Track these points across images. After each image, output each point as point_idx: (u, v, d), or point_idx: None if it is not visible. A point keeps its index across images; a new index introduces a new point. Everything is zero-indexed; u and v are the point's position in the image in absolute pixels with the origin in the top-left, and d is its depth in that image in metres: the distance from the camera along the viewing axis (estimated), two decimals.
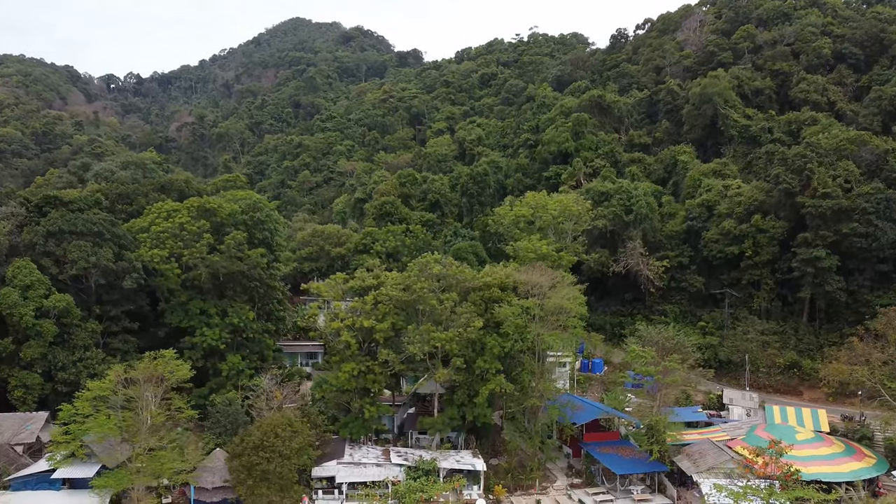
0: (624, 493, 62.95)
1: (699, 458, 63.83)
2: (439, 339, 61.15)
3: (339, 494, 61.03)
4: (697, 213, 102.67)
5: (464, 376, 64.26)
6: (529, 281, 65.27)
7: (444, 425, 64.93)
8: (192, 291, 74.96)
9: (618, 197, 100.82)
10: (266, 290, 79.42)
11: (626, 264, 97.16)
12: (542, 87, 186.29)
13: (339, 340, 64.46)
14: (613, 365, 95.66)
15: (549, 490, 64.91)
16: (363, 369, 63.81)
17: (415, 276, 64.41)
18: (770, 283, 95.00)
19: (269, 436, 53.61)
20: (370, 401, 65.05)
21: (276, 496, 52.81)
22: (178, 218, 74.03)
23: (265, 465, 52.42)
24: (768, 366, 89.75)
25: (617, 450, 66.84)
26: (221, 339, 72.82)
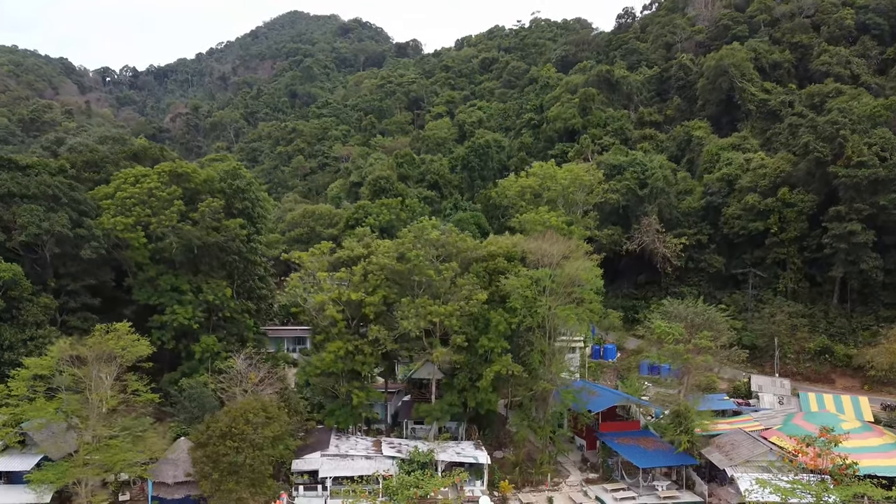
0: (647, 490, 55.40)
1: (732, 450, 56.26)
2: (437, 314, 53.56)
3: (322, 491, 53.54)
4: (717, 188, 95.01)
5: (465, 357, 56.69)
6: (539, 250, 57.66)
7: (442, 413, 57.35)
8: (163, 266, 67.23)
9: (631, 170, 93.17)
10: (246, 266, 71.78)
11: (641, 242, 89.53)
12: (545, 68, 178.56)
13: (323, 316, 56.83)
14: (627, 351, 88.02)
15: (561, 486, 57.38)
16: (351, 349, 56.23)
17: (410, 244, 56.75)
18: (797, 262, 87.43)
19: (238, 422, 46.03)
20: (359, 385, 57.48)
21: (247, 492, 45.26)
22: (147, 183, 66.26)
23: (233, 456, 44.83)
24: (796, 352, 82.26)
25: (638, 441, 59.31)
26: (194, 317, 65.13)
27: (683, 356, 52.96)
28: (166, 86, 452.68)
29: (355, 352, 56.51)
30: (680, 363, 54.05)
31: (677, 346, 53.08)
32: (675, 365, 53.89)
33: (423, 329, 54.90)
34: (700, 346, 52.73)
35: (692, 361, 52.96)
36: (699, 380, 53.71)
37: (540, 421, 58.47)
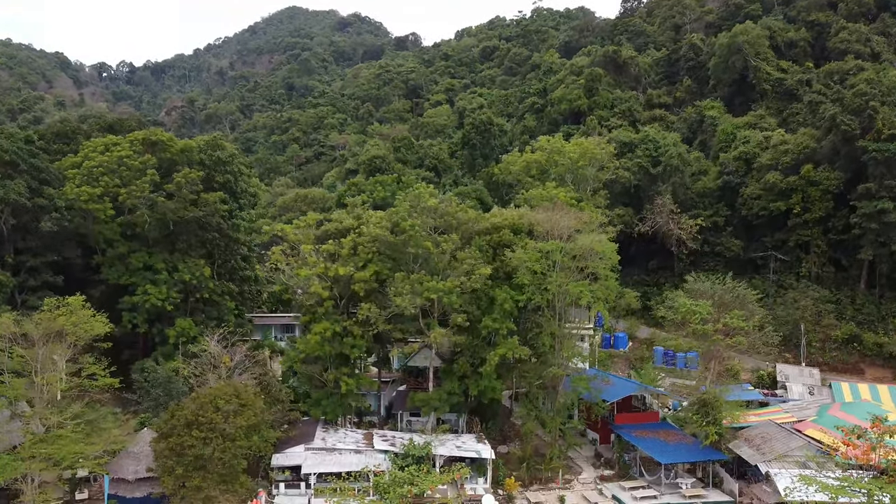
0: (670, 488, 49.56)
1: (763, 444, 50.44)
2: (435, 291, 47.72)
3: (305, 489, 47.72)
4: (734, 168, 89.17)
5: (466, 340, 50.87)
6: (549, 221, 51.78)
7: (441, 402, 51.52)
8: (136, 243, 61.49)
9: (643, 147, 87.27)
10: (227, 244, 65.78)
11: (654, 223, 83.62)
12: (548, 54, 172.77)
13: (308, 294, 50.99)
14: (639, 340, 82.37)
15: (573, 484, 51.53)
16: (339, 330, 50.38)
17: (405, 213, 50.86)
18: (822, 244, 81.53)
19: (206, 409, 40.13)
20: (348, 371, 51.59)
21: (216, 490, 39.32)
22: (117, 152, 60.47)
23: (200, 448, 38.91)
24: (822, 340, 76.36)
25: (657, 434, 53.41)
26: (169, 298, 59.35)
27: (712, 337, 47.06)
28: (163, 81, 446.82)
29: (344, 333, 50.65)
30: (707, 346, 48.12)
31: (705, 327, 47.19)
32: (702, 348, 48.00)
33: (419, 308, 49.07)
34: (731, 327, 46.84)
35: (722, 344, 47.06)
36: (727, 366, 47.71)
37: (549, 412, 52.61)
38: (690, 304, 48.41)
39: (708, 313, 47.63)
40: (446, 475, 43.19)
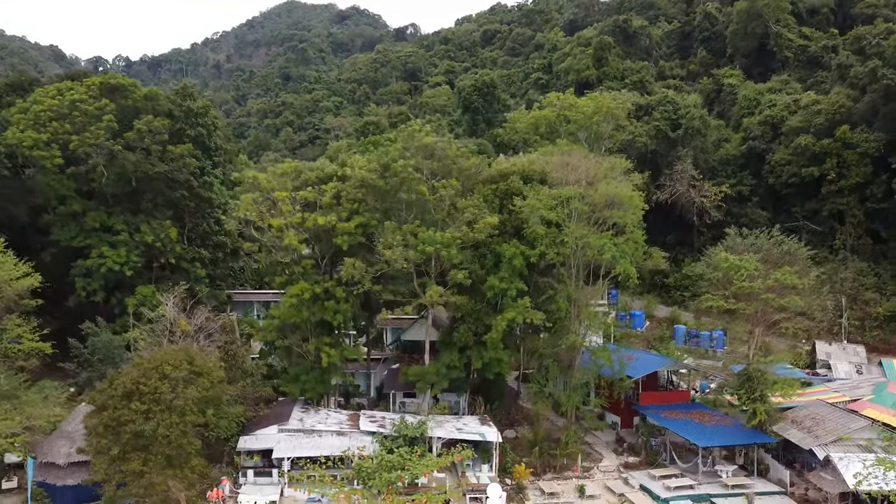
0: (708, 476, 42.12)
1: (816, 426, 43.03)
2: (432, 242, 40.24)
3: (278, 477, 40.28)
4: (759, 133, 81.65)
5: (469, 303, 43.46)
6: (565, 166, 44.48)
7: (439, 377, 44.04)
8: (94, 202, 54.13)
9: (661, 109, 79.79)
10: (198, 205, 58.29)
11: (673, 191, 76.15)
12: (552, 32, 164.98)
13: (283, 252, 43.54)
14: (657, 319, 74.96)
15: (592, 472, 44.11)
16: (319, 293, 42.92)
17: (397, 153, 43.39)
18: (858, 213, 74.15)
19: (150, 377, 32.59)
20: (330, 341, 44.10)
21: (160, 475, 31.80)
22: (71, 95, 53.05)
23: (140, 423, 31.39)
24: (860, 318, 69.04)
25: (690, 415, 46.06)
26: (129, 262, 51.98)
27: (761, 296, 39.54)
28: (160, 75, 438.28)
29: (325, 296, 43.20)
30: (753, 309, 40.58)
31: (751, 284, 39.73)
32: (750, 308, 40.43)
33: (413, 264, 41.59)
34: (784, 284, 39.36)
35: (774, 304, 39.54)
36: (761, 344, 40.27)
37: (564, 390, 45.20)
38: (734, 260, 40.93)
39: (755, 269, 40.17)
40: (444, 458, 35.64)
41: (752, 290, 39.52)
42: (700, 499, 39.83)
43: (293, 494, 39.61)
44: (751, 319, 41.01)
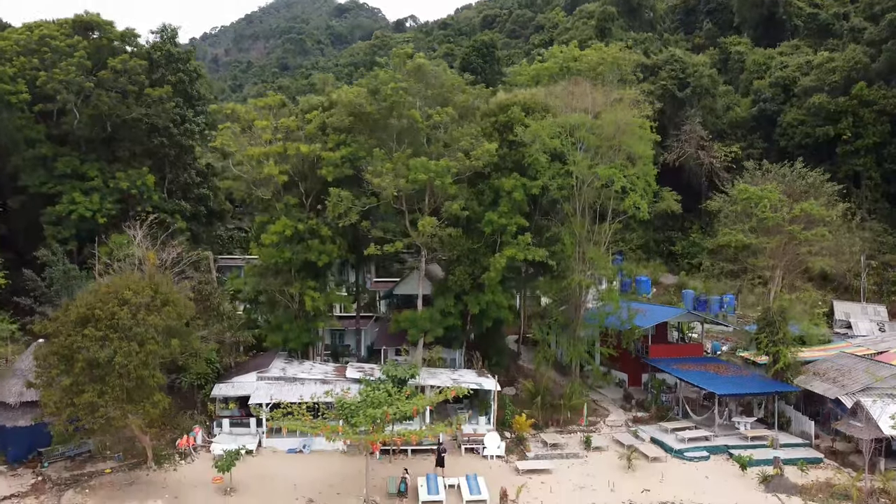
0: (724, 429, 38.68)
1: (841, 377, 39.60)
2: (425, 170, 36.75)
3: (257, 428, 36.83)
4: (770, 94, 78.21)
5: (466, 242, 40.05)
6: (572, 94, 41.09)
7: (433, 323, 40.53)
8: (67, 148, 50.76)
9: (668, 68, 76.37)
10: (178, 154, 54.95)
11: (682, 152, 72.72)
12: (553, 12, 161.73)
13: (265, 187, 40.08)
14: (663, 285, 71.53)
15: (599, 426, 40.67)
16: (302, 229, 39.49)
17: (388, 77, 39.90)
18: (875, 176, 70.74)
19: (107, 302, 29.17)
20: (315, 285, 40.66)
21: (118, 410, 28.36)
22: (40, 31, 49.66)
23: (95, 350, 27.94)
24: (877, 283, 65.71)
25: (705, 367, 42.65)
26: (103, 210, 48.62)
27: (786, 227, 36.10)
28: None
29: (309, 234, 39.77)
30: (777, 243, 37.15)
31: (775, 215, 36.29)
32: (773, 242, 36.98)
33: (403, 198, 38.14)
34: (811, 216, 35.95)
35: (800, 236, 36.10)
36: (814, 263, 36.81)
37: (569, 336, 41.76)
38: (755, 191, 37.52)
39: (778, 200, 36.76)
40: (435, 395, 32.18)
41: (774, 221, 36.07)
42: (717, 450, 36.42)
43: (272, 445, 36.34)
44: (774, 254, 37.52)
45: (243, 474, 32.26)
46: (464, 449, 36.31)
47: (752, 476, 33.57)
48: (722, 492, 32.03)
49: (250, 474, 32.62)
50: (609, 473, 33.74)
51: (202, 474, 32.26)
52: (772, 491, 31.71)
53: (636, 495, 31.61)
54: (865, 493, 30.86)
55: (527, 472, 33.62)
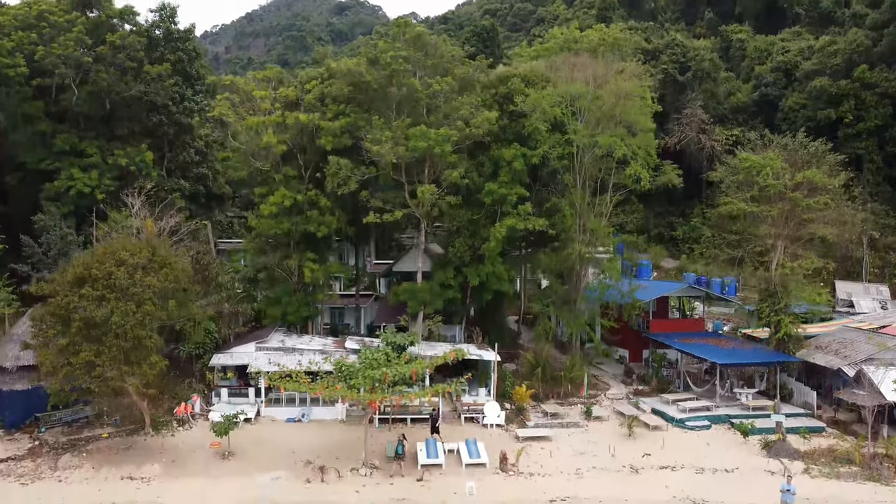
0: (726, 401, 38.43)
1: (843, 349, 39.46)
2: (425, 137, 36.53)
3: (256, 398, 36.62)
4: (772, 79, 77.99)
5: (466, 214, 39.87)
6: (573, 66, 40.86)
7: (432, 296, 40.32)
8: (66, 125, 50.55)
9: (669, 52, 76.14)
10: (177, 133, 54.69)
11: (682, 136, 72.47)
12: (553, 5, 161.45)
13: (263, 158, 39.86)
14: (664, 270, 71.21)
15: (600, 399, 40.37)
16: (301, 200, 39.29)
17: (386, 46, 39.69)
18: (877, 159, 70.58)
19: (104, 262, 28.98)
20: (314, 257, 40.44)
21: (115, 370, 28.19)
22: (39, 7, 49.44)
23: (92, 309, 27.75)
24: (879, 266, 65.53)
25: (706, 341, 42.46)
26: (101, 186, 48.33)
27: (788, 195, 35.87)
28: None
29: (308, 205, 39.56)
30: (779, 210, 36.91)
31: (777, 182, 36.06)
32: (774, 210, 36.75)
33: (403, 167, 37.91)
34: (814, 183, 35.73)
35: (802, 204, 35.88)
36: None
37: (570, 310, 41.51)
38: (757, 159, 37.31)
39: (781, 168, 36.54)
40: (435, 360, 31.97)
41: (776, 189, 35.83)
42: (718, 419, 36.18)
43: (271, 414, 36.12)
44: (776, 223, 37.26)
45: (241, 440, 32.09)
46: (463, 418, 36.07)
47: (754, 443, 33.38)
48: (724, 457, 31.80)
49: (248, 440, 32.45)
50: (609, 441, 33.50)
51: (200, 440, 32.09)
52: (774, 455, 31.49)
53: (637, 460, 31.40)
54: (868, 457, 30.63)
55: (527, 440, 33.39)
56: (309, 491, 28.11)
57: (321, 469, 29.12)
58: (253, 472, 29.57)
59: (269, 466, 30.02)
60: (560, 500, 27.56)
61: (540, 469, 30.45)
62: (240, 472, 29.57)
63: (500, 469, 30.32)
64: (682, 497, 27.88)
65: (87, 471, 29.11)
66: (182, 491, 27.76)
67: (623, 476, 29.98)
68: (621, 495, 27.96)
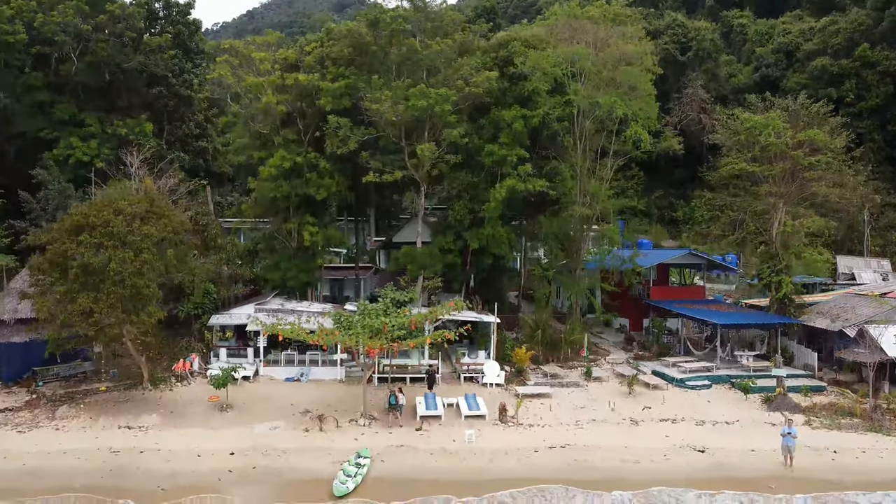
0: (727, 364, 38.28)
1: (844, 313, 39.33)
2: (424, 96, 36.36)
3: (255, 358, 36.46)
4: (773, 60, 77.80)
5: (465, 177, 39.76)
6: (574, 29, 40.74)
7: (432, 260, 40.10)
8: (66, 96, 50.52)
9: (670, 32, 76.01)
10: (177, 105, 54.68)
11: (683, 116, 72.14)
12: None
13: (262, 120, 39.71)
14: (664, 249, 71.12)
15: (600, 363, 40.23)
16: (300, 162, 39.14)
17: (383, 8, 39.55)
18: (878, 138, 70.23)
19: (103, 210, 28.88)
20: (313, 220, 40.28)
21: (113, 318, 28.07)
22: None
23: (90, 256, 27.64)
24: (880, 245, 65.23)
25: (707, 307, 42.34)
26: (101, 156, 48.23)
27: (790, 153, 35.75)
28: None
29: (307, 167, 39.42)
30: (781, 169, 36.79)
31: (779, 141, 35.93)
32: (775, 170, 36.64)
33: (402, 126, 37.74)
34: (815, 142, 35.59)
35: (803, 162, 35.75)
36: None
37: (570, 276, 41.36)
38: (758, 118, 37.18)
39: (782, 128, 36.41)
40: (434, 310, 31.78)
41: (778, 148, 35.69)
42: (719, 379, 36.03)
43: (269, 373, 35.97)
44: (777, 182, 37.12)
45: (240, 396, 32.03)
46: (463, 378, 35.90)
47: (755, 400, 33.25)
48: (724, 412, 31.69)
49: (247, 396, 32.36)
50: (609, 398, 33.36)
51: (198, 395, 31.98)
52: (775, 409, 31.35)
53: (637, 413, 31.29)
54: (870, 409, 30.50)
55: (527, 397, 33.22)
56: (307, 439, 28.00)
57: (320, 418, 28.99)
58: (251, 423, 29.46)
59: (267, 418, 29.91)
60: (559, 447, 27.43)
61: (539, 421, 30.34)
62: (238, 423, 29.46)
63: (500, 420, 30.20)
64: (682, 445, 27.75)
65: (85, 420, 29.02)
66: (180, 439, 27.64)
67: (623, 428, 29.86)
68: (621, 443, 27.83)
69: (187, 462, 25.57)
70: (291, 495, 23.24)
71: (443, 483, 24.12)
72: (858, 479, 24.70)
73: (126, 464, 25.36)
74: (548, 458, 26.35)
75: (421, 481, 24.28)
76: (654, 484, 24.18)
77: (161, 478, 24.29)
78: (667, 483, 24.26)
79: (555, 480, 24.32)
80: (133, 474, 24.58)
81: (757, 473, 25.24)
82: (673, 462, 26.16)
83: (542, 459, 26.28)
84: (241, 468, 25.20)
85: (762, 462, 26.17)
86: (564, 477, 24.67)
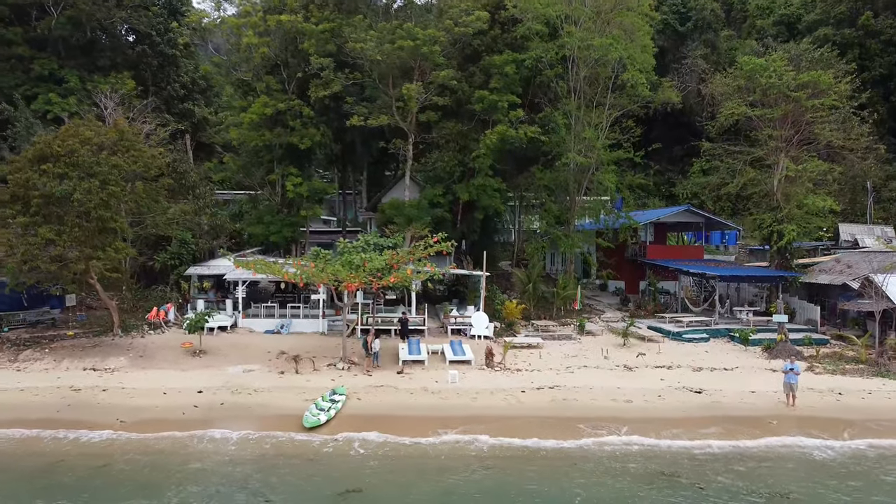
0: (726, 320, 36.76)
1: (847, 269, 37.89)
2: (411, 36, 34.78)
3: (233, 311, 34.89)
4: (775, 32, 76.01)
5: (455, 126, 38.21)
6: None
7: (420, 211, 38.47)
8: (46, 53, 48.88)
9: (670, 2, 74.26)
10: (161, 64, 53.04)
11: (683, 88, 70.40)
12: None
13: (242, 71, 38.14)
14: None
15: (594, 320, 38.69)
16: (283, 109, 37.55)
17: None
18: (881, 109, 68.38)
19: (67, 140, 27.31)
20: (296, 171, 38.71)
21: (77, 252, 26.51)
22: None
23: (53, 186, 26.08)
24: (883, 218, 63.64)
25: (706, 264, 40.83)
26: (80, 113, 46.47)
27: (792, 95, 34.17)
28: None
29: (290, 115, 37.83)
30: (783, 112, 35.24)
31: (780, 82, 34.36)
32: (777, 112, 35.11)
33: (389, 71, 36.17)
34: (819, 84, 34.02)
35: (806, 104, 34.20)
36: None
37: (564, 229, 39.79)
38: (759, 61, 35.64)
39: (784, 70, 34.85)
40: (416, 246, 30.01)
41: (780, 90, 34.14)
42: (718, 333, 34.51)
43: (248, 325, 34.41)
44: (778, 126, 35.57)
45: (215, 343, 30.59)
46: (450, 331, 34.37)
47: (755, 350, 31.75)
48: (723, 360, 30.19)
49: (222, 343, 30.87)
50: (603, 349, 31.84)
51: (171, 341, 30.52)
52: (776, 356, 29.83)
53: (631, 360, 29.78)
54: (875, 354, 29.00)
55: (516, 347, 31.69)
56: (282, 379, 26.51)
57: (295, 359, 27.53)
58: (224, 366, 27.99)
59: (241, 362, 28.47)
60: (548, 387, 25.90)
61: (528, 367, 28.86)
62: (211, 366, 28.01)
63: (486, 365, 28.72)
64: (677, 387, 26.22)
65: (48, 363, 27.55)
66: (146, 379, 26.16)
67: (616, 373, 28.33)
68: (613, 385, 26.30)
69: (152, 398, 24.08)
70: (258, 428, 21.74)
71: (421, 419, 22.60)
72: (866, 417, 23.19)
73: (86, 400, 23.88)
74: (535, 397, 24.81)
75: (399, 417, 22.77)
76: (647, 422, 22.66)
77: (122, 412, 22.79)
78: (662, 421, 22.73)
79: (541, 418, 22.81)
80: (92, 409, 23.09)
81: (757, 413, 23.70)
82: (667, 402, 24.62)
83: (528, 398, 24.74)
84: (207, 403, 23.71)
85: (762, 402, 24.65)
86: (551, 415, 23.16)
